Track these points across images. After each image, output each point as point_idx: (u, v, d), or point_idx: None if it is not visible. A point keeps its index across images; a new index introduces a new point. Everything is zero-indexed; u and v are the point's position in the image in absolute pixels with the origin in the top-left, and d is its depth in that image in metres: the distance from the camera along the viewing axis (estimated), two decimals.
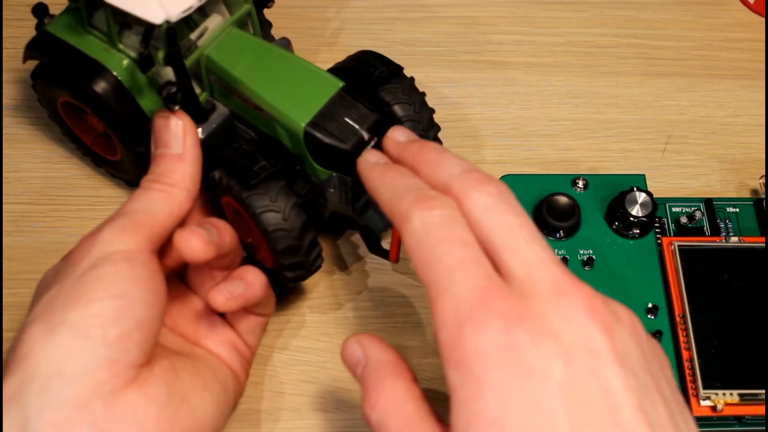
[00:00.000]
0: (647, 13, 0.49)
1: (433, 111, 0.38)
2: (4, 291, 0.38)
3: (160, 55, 0.32)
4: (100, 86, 0.34)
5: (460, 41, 0.48)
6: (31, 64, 0.37)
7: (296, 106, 0.33)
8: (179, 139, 0.33)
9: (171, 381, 0.30)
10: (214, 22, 0.35)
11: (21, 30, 0.46)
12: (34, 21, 0.36)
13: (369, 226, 0.37)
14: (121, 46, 0.34)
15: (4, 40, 0.45)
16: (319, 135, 0.33)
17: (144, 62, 0.32)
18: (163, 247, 0.32)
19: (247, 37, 0.36)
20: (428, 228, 0.26)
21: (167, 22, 0.31)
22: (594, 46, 0.48)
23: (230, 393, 0.33)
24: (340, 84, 0.34)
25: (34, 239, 0.40)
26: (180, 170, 0.33)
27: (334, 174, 0.34)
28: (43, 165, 0.42)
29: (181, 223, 0.33)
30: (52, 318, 0.28)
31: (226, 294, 0.32)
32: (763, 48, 0.48)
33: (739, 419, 0.35)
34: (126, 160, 0.38)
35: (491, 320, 0.24)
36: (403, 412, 0.27)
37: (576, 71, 0.47)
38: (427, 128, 0.37)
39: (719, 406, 0.34)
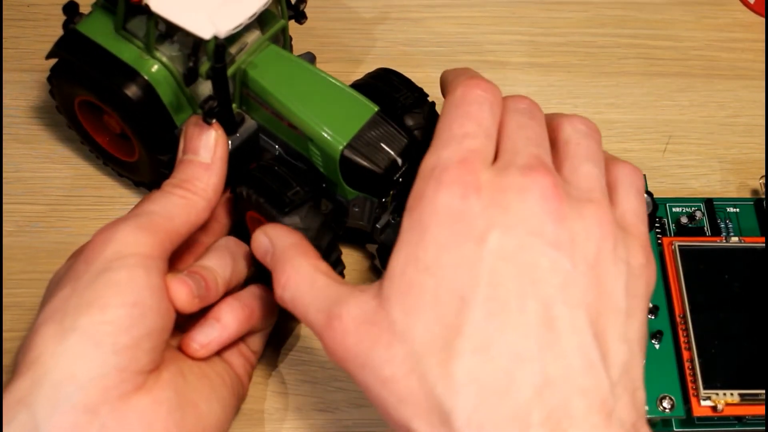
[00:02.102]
0: (647, 13, 0.49)
1: None
2: (4, 291, 0.38)
3: (203, 68, 0.32)
4: (132, 91, 0.34)
5: (460, 41, 0.48)
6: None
7: (334, 129, 0.34)
8: (210, 149, 0.33)
9: (179, 385, 0.30)
10: (251, 37, 0.35)
11: (21, 30, 0.45)
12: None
13: (387, 244, 0.37)
14: (157, 54, 0.34)
15: (4, 40, 0.45)
16: (355, 158, 0.33)
17: (190, 76, 0.32)
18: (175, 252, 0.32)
19: (284, 54, 0.36)
20: (463, 100, 0.29)
21: (216, 37, 0.31)
22: (594, 46, 0.48)
23: (235, 397, 0.33)
24: (375, 108, 0.34)
25: (35, 239, 0.40)
26: (205, 179, 0.33)
27: (361, 194, 0.35)
28: (43, 165, 0.42)
29: (201, 228, 0.33)
30: (64, 321, 0.28)
31: (195, 346, 0.32)
32: (764, 48, 0.48)
33: (740, 419, 0.35)
34: (143, 163, 0.38)
35: (454, 185, 0.26)
36: (316, 284, 0.29)
37: (576, 71, 0.47)
38: None
39: (720, 406, 0.34)
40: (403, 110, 0.37)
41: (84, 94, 0.36)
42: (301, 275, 0.29)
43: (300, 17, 0.37)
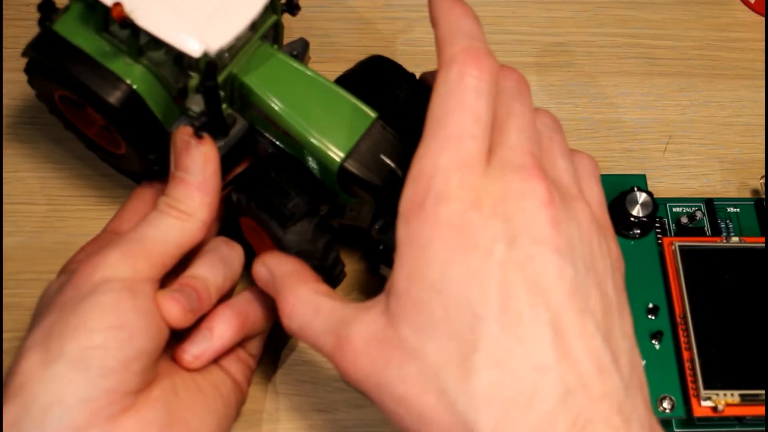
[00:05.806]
0: (648, 12, 0.49)
1: None
2: (4, 291, 0.38)
3: (193, 82, 0.31)
4: (116, 98, 0.32)
5: None
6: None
7: (331, 140, 0.33)
8: (199, 168, 0.32)
9: (170, 403, 0.29)
10: (243, 36, 0.33)
11: (21, 30, 0.45)
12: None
13: (389, 245, 0.36)
14: (142, 59, 0.33)
15: (4, 40, 0.45)
16: (354, 171, 0.32)
17: (181, 95, 0.31)
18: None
19: (278, 56, 0.34)
20: (459, 86, 0.27)
21: (206, 54, 0.30)
22: (594, 46, 0.48)
23: (232, 407, 0.33)
24: (374, 115, 0.33)
25: (34, 239, 0.40)
26: (198, 199, 0.32)
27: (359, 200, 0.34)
28: (43, 165, 0.42)
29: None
30: (50, 347, 0.28)
31: (188, 358, 0.32)
32: (764, 48, 0.48)
33: (740, 420, 0.35)
34: (131, 156, 0.37)
35: (454, 198, 0.26)
36: (320, 308, 0.29)
37: (576, 71, 0.47)
38: None
39: (720, 407, 0.34)
40: (404, 107, 0.36)
41: (59, 89, 0.35)
42: (304, 302, 0.29)
43: (293, 9, 0.36)
